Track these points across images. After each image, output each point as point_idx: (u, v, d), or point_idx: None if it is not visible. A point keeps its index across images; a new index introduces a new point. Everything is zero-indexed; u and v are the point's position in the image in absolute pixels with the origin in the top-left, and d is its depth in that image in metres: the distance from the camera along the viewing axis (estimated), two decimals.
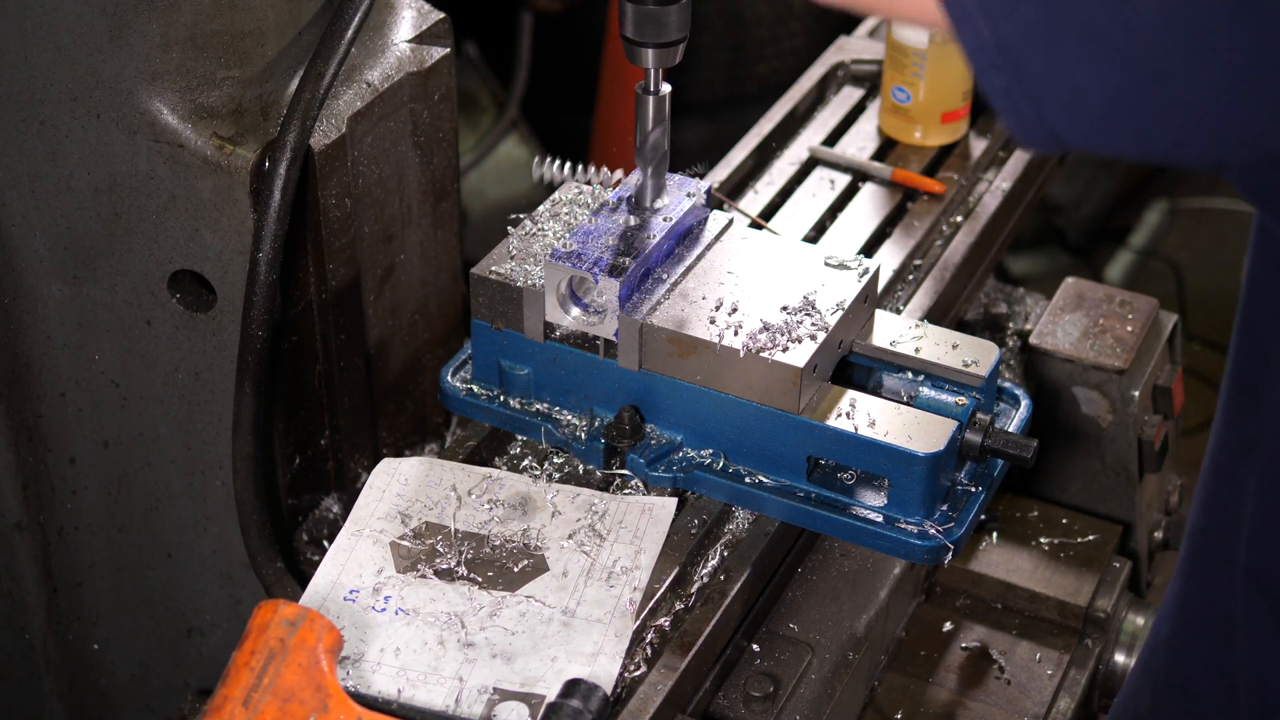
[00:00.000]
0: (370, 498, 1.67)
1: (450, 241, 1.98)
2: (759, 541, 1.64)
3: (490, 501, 1.65)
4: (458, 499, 1.65)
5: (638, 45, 1.60)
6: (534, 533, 1.62)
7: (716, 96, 3.63)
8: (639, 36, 1.59)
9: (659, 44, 1.59)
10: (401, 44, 1.83)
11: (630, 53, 1.61)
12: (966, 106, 2.16)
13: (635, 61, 1.61)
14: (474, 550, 1.60)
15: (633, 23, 1.58)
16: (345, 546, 1.61)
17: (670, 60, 1.61)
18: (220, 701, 1.38)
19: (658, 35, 1.58)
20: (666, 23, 1.58)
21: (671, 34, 1.59)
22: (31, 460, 1.91)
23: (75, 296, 1.81)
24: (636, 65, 1.62)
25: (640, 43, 1.59)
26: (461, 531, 1.62)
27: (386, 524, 1.63)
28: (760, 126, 2.19)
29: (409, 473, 1.69)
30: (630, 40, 1.60)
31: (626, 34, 1.59)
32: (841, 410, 1.60)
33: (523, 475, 1.69)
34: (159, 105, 1.67)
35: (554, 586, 1.56)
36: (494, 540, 1.61)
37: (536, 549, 1.60)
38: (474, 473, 1.69)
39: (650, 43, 1.59)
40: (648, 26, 1.58)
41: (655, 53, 1.60)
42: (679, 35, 1.59)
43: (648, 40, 1.59)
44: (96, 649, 2.06)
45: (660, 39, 1.59)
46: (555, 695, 1.42)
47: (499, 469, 1.70)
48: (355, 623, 1.53)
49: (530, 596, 1.55)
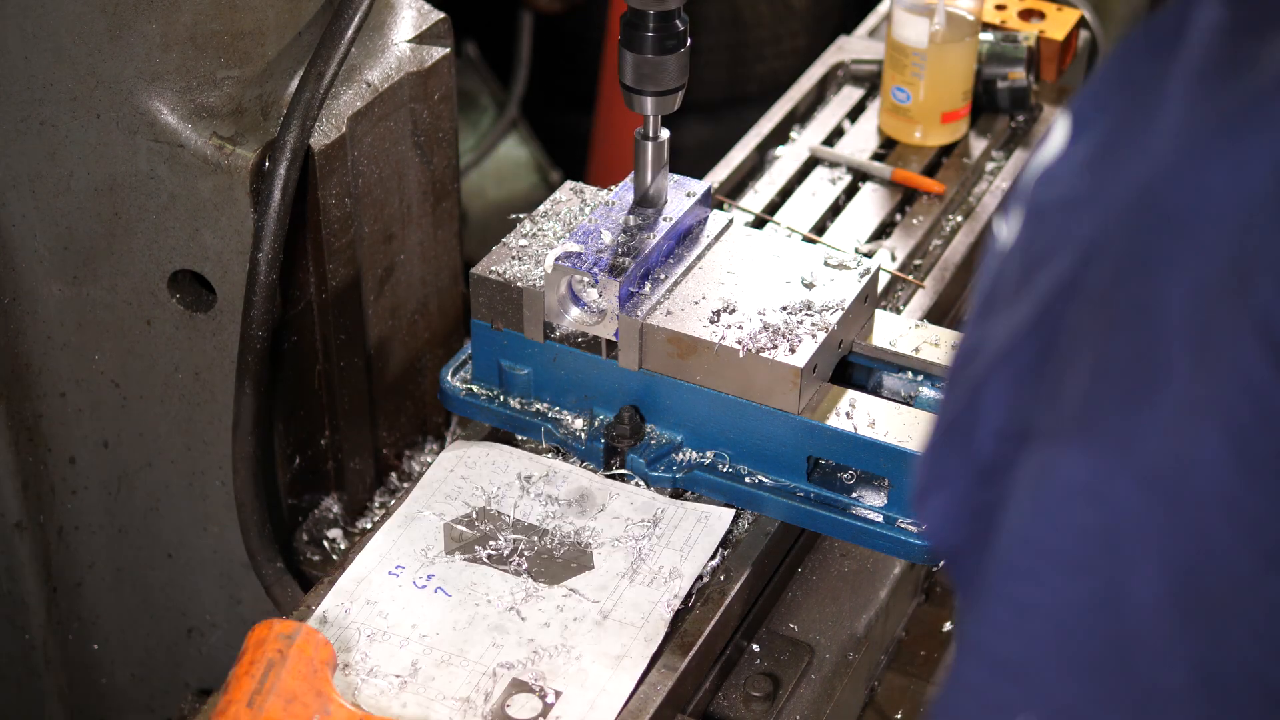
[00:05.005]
0: (435, 477, 1.69)
1: (450, 241, 1.98)
2: (759, 541, 1.64)
3: (550, 493, 1.67)
4: (521, 487, 1.67)
5: (636, 94, 1.62)
6: (588, 529, 1.63)
7: (716, 96, 3.62)
8: (638, 84, 1.61)
9: (658, 92, 1.61)
10: (401, 44, 1.83)
11: (629, 100, 1.64)
12: (967, 106, 2.16)
13: (634, 109, 1.64)
14: (526, 540, 1.62)
15: (632, 71, 1.60)
16: (400, 523, 1.64)
17: (669, 107, 1.64)
18: (224, 706, 1.38)
19: (657, 83, 1.61)
20: (665, 71, 1.60)
21: (670, 82, 1.61)
22: (31, 460, 1.91)
23: (75, 296, 1.81)
24: (636, 113, 1.64)
25: (639, 90, 1.62)
26: (518, 520, 1.64)
27: (446, 505, 1.66)
28: (760, 126, 2.19)
29: (477, 457, 1.71)
30: (629, 88, 1.62)
31: (626, 82, 1.62)
32: (841, 410, 1.60)
33: (585, 469, 1.70)
34: (159, 105, 1.67)
35: (596, 584, 1.57)
36: (548, 532, 1.63)
37: (587, 545, 1.61)
38: (540, 463, 1.71)
39: (649, 91, 1.61)
40: (646, 74, 1.60)
41: (654, 100, 1.62)
42: (678, 83, 1.62)
43: (647, 89, 1.61)
44: (96, 649, 2.06)
45: (659, 87, 1.61)
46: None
47: (568, 461, 1.72)
48: (392, 597, 1.56)
49: (572, 591, 1.56)
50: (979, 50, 2.16)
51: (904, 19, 2.09)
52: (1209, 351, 0.70)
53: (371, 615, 1.54)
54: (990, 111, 2.23)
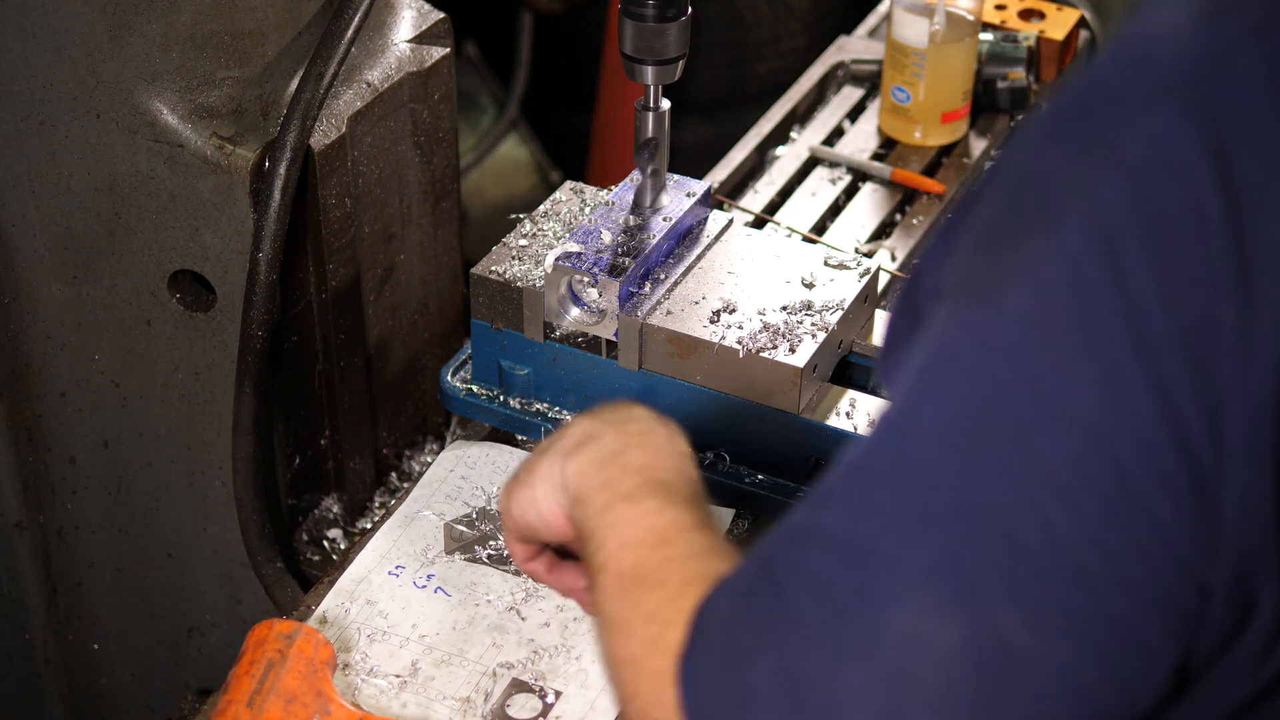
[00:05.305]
0: (435, 477, 1.69)
1: (450, 241, 1.98)
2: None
3: None
4: None
5: (637, 63, 1.61)
6: None
7: (716, 96, 3.62)
8: (638, 54, 1.60)
9: (659, 61, 1.60)
10: (401, 44, 1.83)
11: (630, 70, 1.62)
12: (966, 106, 2.16)
13: (635, 79, 1.63)
14: None
15: (632, 40, 1.60)
16: (400, 523, 1.64)
17: (669, 77, 1.62)
18: (224, 705, 1.38)
19: (657, 53, 1.60)
20: (666, 40, 1.59)
21: (671, 51, 1.60)
22: (31, 460, 1.91)
23: (75, 296, 1.81)
24: (636, 82, 1.63)
25: (640, 60, 1.61)
26: None
27: (446, 505, 1.66)
28: (760, 126, 2.19)
29: (477, 457, 1.71)
30: (629, 57, 1.61)
31: (626, 51, 1.61)
32: (841, 410, 1.60)
33: None
34: (159, 105, 1.67)
35: None
36: None
37: None
38: None
39: (650, 60, 1.60)
40: (647, 44, 1.59)
41: (655, 70, 1.61)
42: (678, 52, 1.61)
43: (647, 58, 1.60)
44: (96, 649, 2.06)
45: (660, 56, 1.60)
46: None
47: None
48: (392, 597, 1.56)
49: None
50: (979, 50, 2.16)
51: (904, 19, 2.09)
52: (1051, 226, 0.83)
53: (371, 615, 1.54)
54: (990, 111, 2.23)
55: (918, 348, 0.89)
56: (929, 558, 0.80)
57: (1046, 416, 0.79)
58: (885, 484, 0.83)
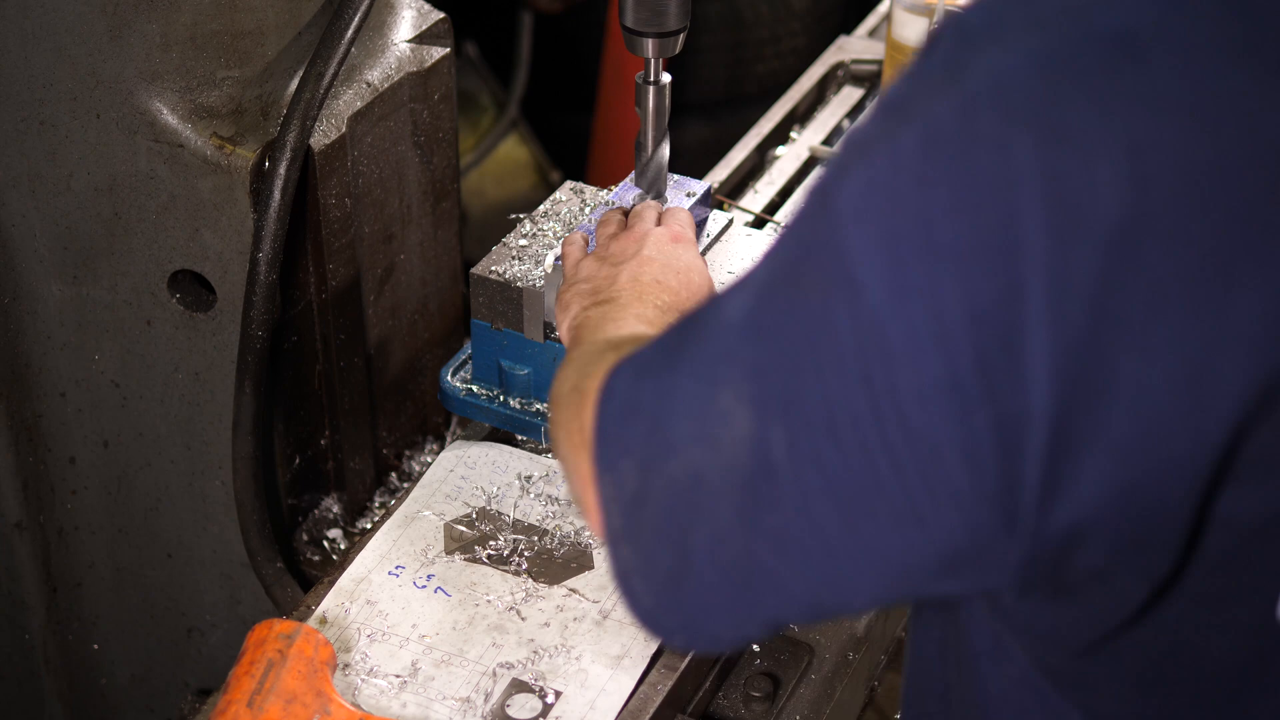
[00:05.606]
0: (435, 477, 1.69)
1: (450, 241, 1.98)
2: None
3: (550, 493, 1.67)
4: (521, 487, 1.67)
5: (638, 35, 1.60)
6: (588, 529, 1.63)
7: (716, 96, 3.63)
8: (639, 26, 1.59)
9: (659, 33, 1.60)
10: (401, 44, 1.83)
11: (630, 42, 1.61)
12: None
13: (635, 51, 1.62)
14: (526, 540, 1.62)
15: (633, 12, 1.59)
16: (400, 523, 1.64)
17: (670, 50, 1.61)
18: (224, 705, 1.38)
19: (658, 25, 1.59)
20: (666, 12, 1.59)
21: (671, 23, 1.59)
22: (31, 460, 1.91)
23: (75, 296, 1.81)
24: (637, 55, 1.62)
25: (640, 32, 1.60)
26: (518, 520, 1.64)
27: (446, 505, 1.66)
28: (760, 126, 2.19)
29: (476, 457, 1.71)
30: (630, 30, 1.60)
31: (626, 23, 1.60)
32: None
33: None
34: (159, 105, 1.67)
35: (595, 584, 1.57)
36: (548, 532, 1.63)
37: (587, 545, 1.61)
38: (540, 463, 1.70)
39: (650, 32, 1.60)
40: (648, 16, 1.59)
41: (655, 42, 1.60)
42: (679, 25, 1.60)
43: (648, 30, 1.60)
44: (96, 649, 2.06)
45: (660, 28, 1.59)
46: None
47: None
48: (392, 597, 1.56)
49: (572, 591, 1.56)
50: None
51: (904, 19, 2.09)
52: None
53: (371, 615, 1.54)
54: None
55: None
56: (751, 360, 0.96)
57: (846, 287, 0.90)
58: (750, 291, 0.99)
